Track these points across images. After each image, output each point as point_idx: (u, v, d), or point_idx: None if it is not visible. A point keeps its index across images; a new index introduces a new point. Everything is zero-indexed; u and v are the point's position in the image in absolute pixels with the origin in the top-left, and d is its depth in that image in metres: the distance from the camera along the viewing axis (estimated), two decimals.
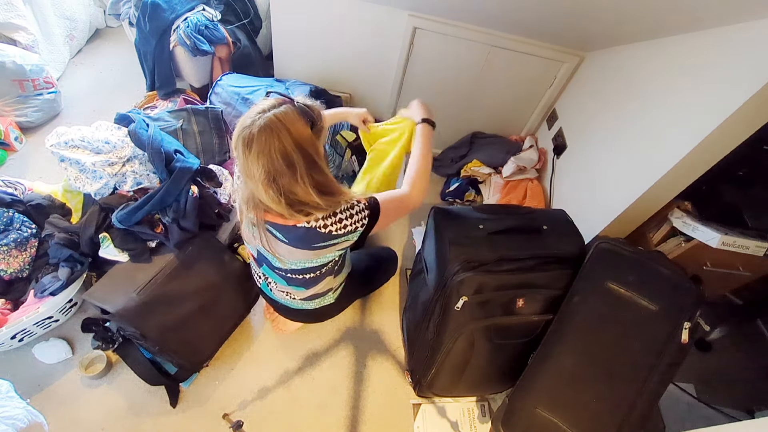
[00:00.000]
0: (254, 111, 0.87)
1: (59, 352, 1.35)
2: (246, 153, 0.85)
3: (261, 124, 0.84)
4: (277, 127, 0.84)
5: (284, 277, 1.13)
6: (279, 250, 1.01)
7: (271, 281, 1.21)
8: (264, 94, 1.74)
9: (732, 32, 1.05)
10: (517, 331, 1.25)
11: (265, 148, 0.84)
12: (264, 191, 0.87)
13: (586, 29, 1.47)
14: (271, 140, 0.83)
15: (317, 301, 1.24)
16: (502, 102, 1.98)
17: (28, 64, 1.81)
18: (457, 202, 2.05)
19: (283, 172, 0.86)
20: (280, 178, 0.86)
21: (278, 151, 0.84)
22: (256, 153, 0.84)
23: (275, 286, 1.21)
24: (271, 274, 1.17)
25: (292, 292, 1.20)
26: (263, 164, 0.84)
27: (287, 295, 1.22)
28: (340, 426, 1.37)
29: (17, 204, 1.40)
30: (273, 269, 1.13)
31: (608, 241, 1.16)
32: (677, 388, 1.44)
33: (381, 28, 1.74)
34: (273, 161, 0.84)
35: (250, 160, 0.85)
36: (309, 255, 1.01)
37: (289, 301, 1.25)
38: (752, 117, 1.00)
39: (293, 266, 1.07)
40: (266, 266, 1.16)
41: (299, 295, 1.21)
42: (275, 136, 0.83)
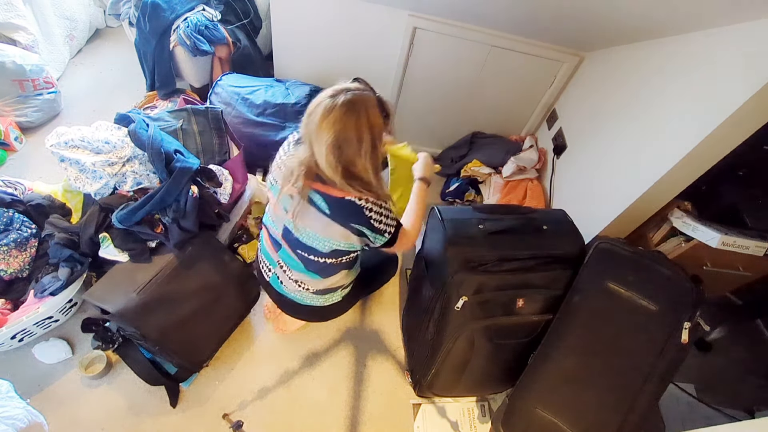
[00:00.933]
0: (338, 87, 0.95)
1: (59, 352, 1.35)
2: (323, 118, 0.92)
3: (345, 98, 0.92)
4: (358, 105, 0.93)
5: (304, 259, 1.13)
6: (314, 223, 1.04)
7: (286, 269, 1.20)
8: (264, 94, 1.77)
9: (732, 32, 1.05)
10: (517, 331, 1.25)
11: (342, 118, 0.92)
12: (326, 155, 0.93)
13: (586, 29, 1.47)
14: (350, 114, 0.92)
15: (327, 297, 1.24)
16: (502, 102, 1.98)
17: (28, 64, 1.80)
18: (457, 202, 2.05)
19: (351, 143, 0.94)
20: (346, 148, 0.94)
21: (353, 125, 0.93)
22: (332, 120, 0.91)
23: (289, 274, 1.20)
24: (289, 259, 1.16)
25: (306, 282, 1.19)
26: (336, 131, 0.92)
27: (299, 286, 1.20)
28: (340, 426, 1.37)
29: (17, 204, 1.40)
30: (295, 250, 1.13)
31: (608, 241, 1.16)
32: (677, 388, 1.44)
33: (381, 28, 1.74)
34: (346, 131, 0.92)
35: (324, 126, 0.92)
36: (340, 234, 1.03)
37: (298, 295, 1.23)
38: (752, 117, 1.00)
39: (319, 246, 1.08)
40: (286, 249, 1.15)
41: (312, 286, 1.20)
42: (354, 113, 0.92)
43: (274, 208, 1.12)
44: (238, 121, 1.74)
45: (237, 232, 1.70)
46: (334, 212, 1.01)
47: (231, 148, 1.66)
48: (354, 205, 1.00)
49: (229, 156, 1.63)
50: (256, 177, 1.80)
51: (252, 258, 1.67)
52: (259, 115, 1.75)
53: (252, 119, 1.74)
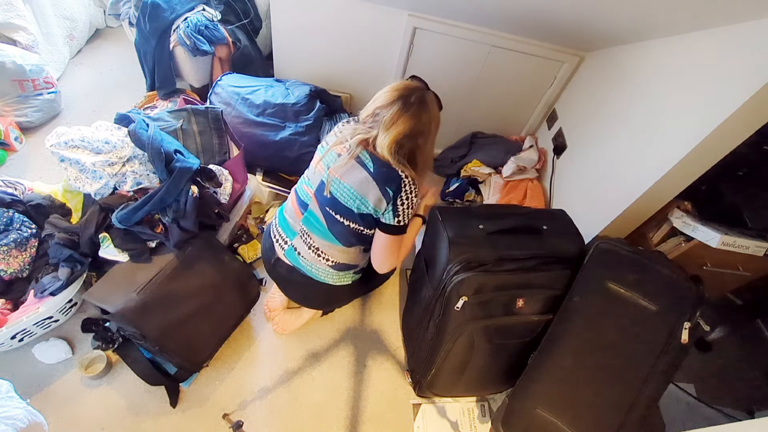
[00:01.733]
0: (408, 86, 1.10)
1: (59, 352, 1.35)
2: (399, 114, 1.05)
3: (419, 96, 1.08)
4: (429, 103, 1.11)
5: (330, 219, 1.14)
6: (354, 179, 1.10)
7: (307, 236, 1.20)
8: (264, 94, 1.77)
9: (732, 32, 1.05)
10: (517, 331, 1.25)
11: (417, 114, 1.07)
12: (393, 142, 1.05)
13: (586, 29, 1.47)
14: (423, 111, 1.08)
15: (341, 275, 1.25)
16: (502, 102, 1.98)
17: (28, 64, 1.80)
18: (457, 202, 2.05)
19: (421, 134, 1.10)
20: (415, 139, 1.09)
21: (426, 120, 1.10)
22: (409, 116, 1.06)
23: (310, 242, 1.20)
24: (315, 220, 1.18)
25: (326, 250, 1.19)
26: (411, 125, 1.06)
27: (318, 255, 1.20)
28: (340, 426, 1.37)
29: (17, 204, 1.40)
30: (323, 207, 1.15)
31: (608, 241, 1.16)
32: (677, 388, 1.44)
33: (381, 28, 1.74)
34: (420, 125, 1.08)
35: (403, 117, 1.05)
36: (374, 194, 1.08)
37: (316, 266, 1.22)
38: (752, 117, 1.00)
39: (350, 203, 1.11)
40: (314, 209, 1.17)
41: (332, 256, 1.20)
42: (427, 110, 1.09)
43: (315, 165, 1.18)
44: (238, 121, 1.74)
45: (237, 232, 1.70)
46: (377, 171, 1.08)
47: (231, 148, 1.66)
48: (395, 174, 1.08)
49: (229, 156, 1.63)
50: (256, 177, 1.80)
51: (252, 258, 1.67)
52: (259, 115, 1.75)
53: (252, 119, 1.74)
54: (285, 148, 1.71)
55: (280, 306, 1.55)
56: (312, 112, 1.76)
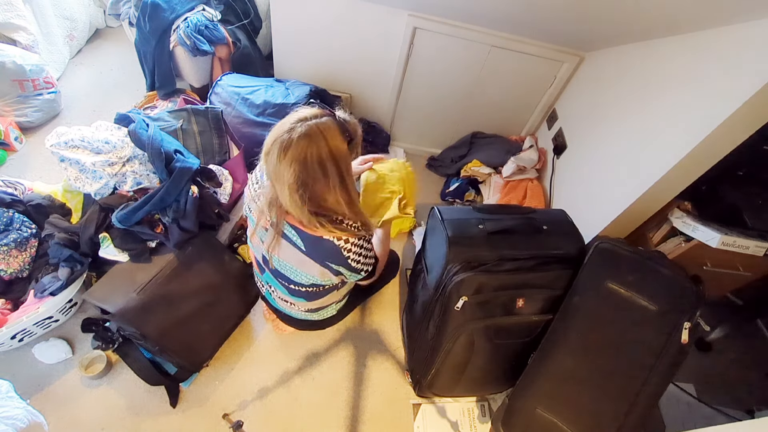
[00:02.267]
0: (295, 117, 0.88)
1: (59, 352, 1.35)
2: (281, 157, 0.86)
3: (301, 131, 0.85)
4: (316, 136, 0.86)
5: (287, 287, 1.13)
6: (290, 258, 1.01)
7: (273, 290, 1.21)
8: (264, 94, 1.77)
9: (732, 32, 1.05)
10: (517, 331, 1.25)
11: (301, 154, 0.85)
12: (289, 195, 0.88)
13: (586, 29, 1.47)
14: (309, 148, 0.85)
15: (321, 312, 1.25)
16: (502, 102, 1.98)
17: (28, 64, 1.80)
18: (457, 202, 2.05)
19: (317, 178, 0.88)
20: (312, 184, 0.88)
21: (315, 158, 0.86)
22: (290, 158, 0.85)
23: (278, 294, 1.21)
24: (274, 282, 1.17)
25: (295, 303, 1.20)
26: (295, 170, 0.86)
27: (290, 305, 1.22)
28: (340, 426, 1.37)
29: (17, 204, 1.40)
30: (277, 277, 1.13)
31: (608, 241, 1.16)
32: (677, 388, 1.44)
33: (381, 28, 1.74)
34: (307, 168, 0.86)
35: (283, 165, 0.86)
36: (317, 271, 1.00)
37: (291, 311, 1.25)
38: (752, 117, 1.00)
39: (297, 278, 1.07)
40: (269, 274, 1.15)
41: (302, 306, 1.21)
42: (314, 145, 0.85)
43: (251, 237, 1.10)
44: (238, 121, 1.74)
45: (237, 232, 1.70)
46: (309, 249, 0.97)
47: (231, 148, 1.66)
48: (331, 245, 0.95)
49: (229, 156, 1.63)
50: None
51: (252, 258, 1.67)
52: (259, 115, 1.75)
53: (252, 119, 1.74)
54: None
55: None
56: None
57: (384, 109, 2.08)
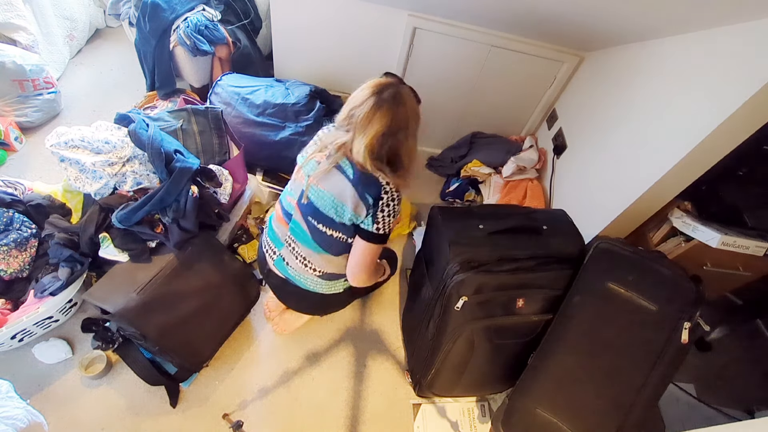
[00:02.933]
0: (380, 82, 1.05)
1: (59, 352, 1.35)
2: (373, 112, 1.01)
3: (392, 92, 1.03)
4: (404, 97, 1.05)
5: (313, 228, 1.13)
6: (334, 186, 1.08)
7: (293, 245, 1.19)
8: (264, 94, 1.77)
9: (732, 32, 1.05)
10: (517, 331, 1.25)
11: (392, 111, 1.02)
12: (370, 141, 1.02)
13: (586, 29, 1.47)
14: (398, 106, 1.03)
15: (331, 283, 1.24)
16: (502, 102, 1.98)
17: (28, 64, 1.80)
18: (457, 202, 2.05)
19: (401, 131, 1.05)
20: (395, 136, 1.04)
21: (403, 116, 1.04)
22: (383, 114, 1.01)
23: (297, 251, 1.19)
24: (299, 230, 1.16)
25: (313, 260, 1.18)
26: (387, 123, 1.02)
27: (306, 265, 1.19)
28: (340, 426, 1.37)
29: (17, 204, 1.40)
30: (306, 217, 1.14)
31: (608, 241, 1.16)
32: (677, 388, 1.44)
33: (381, 28, 1.74)
34: (397, 122, 1.03)
35: (376, 119, 1.01)
36: (354, 202, 1.06)
37: (304, 276, 1.22)
38: (752, 117, 1.00)
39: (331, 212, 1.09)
40: (298, 218, 1.16)
41: (319, 266, 1.19)
42: (402, 105, 1.04)
43: (296, 174, 1.18)
44: (238, 121, 1.74)
45: (237, 232, 1.70)
46: (356, 177, 1.06)
47: (231, 148, 1.66)
48: (376, 181, 1.06)
49: (229, 156, 1.63)
50: (256, 177, 1.80)
51: (252, 258, 1.67)
52: (259, 115, 1.75)
53: (252, 119, 1.74)
54: (285, 148, 1.71)
55: (280, 306, 1.55)
56: (312, 112, 1.76)
57: None
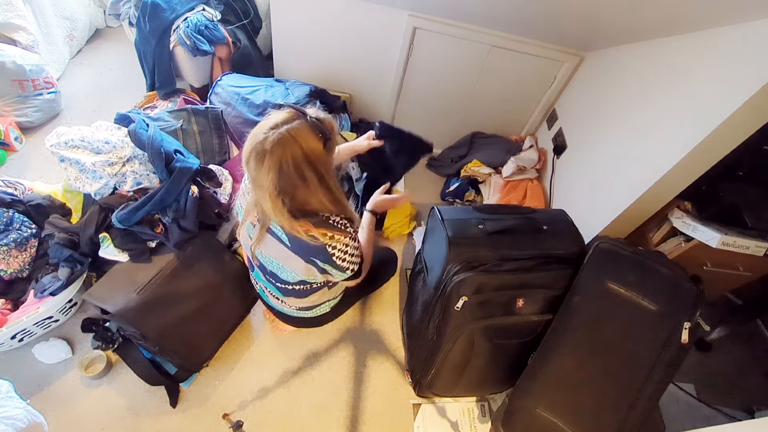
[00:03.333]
0: (266, 125, 0.88)
1: (59, 352, 1.35)
2: (258, 166, 0.86)
3: (274, 139, 0.84)
4: (289, 142, 0.85)
5: (274, 284, 1.13)
6: (276, 254, 1.01)
7: (264, 288, 1.22)
8: (264, 94, 1.77)
9: (732, 32, 1.05)
10: (517, 331, 1.25)
11: (276, 163, 0.85)
12: (271, 202, 0.89)
13: (586, 29, 1.47)
14: (284, 155, 0.85)
15: (314, 311, 1.25)
16: (502, 102, 1.98)
17: (28, 64, 1.80)
18: (457, 202, 2.05)
19: (296, 184, 0.89)
20: (293, 190, 0.90)
21: (291, 164, 0.86)
22: (267, 167, 0.85)
23: (269, 291, 1.22)
24: (264, 281, 1.18)
25: (286, 301, 1.21)
26: (272, 178, 0.86)
27: (281, 303, 1.23)
28: (340, 426, 1.37)
29: (17, 204, 1.40)
30: (264, 274, 1.13)
31: (608, 241, 1.16)
32: (677, 388, 1.44)
33: (381, 28, 1.74)
34: (284, 174, 0.87)
35: (261, 173, 0.87)
36: (303, 268, 1.00)
37: (284, 309, 1.26)
38: (752, 117, 1.00)
39: (284, 275, 1.07)
40: (257, 271, 1.16)
41: (294, 304, 1.21)
42: (287, 151, 0.85)
43: (239, 233, 1.10)
44: (238, 121, 1.74)
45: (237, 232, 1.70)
46: (294, 245, 0.98)
47: (231, 148, 1.66)
48: (317, 246, 0.96)
49: (229, 156, 1.63)
50: None
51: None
52: (259, 115, 1.75)
53: (252, 119, 1.74)
54: None
55: None
56: None
57: (384, 109, 2.08)
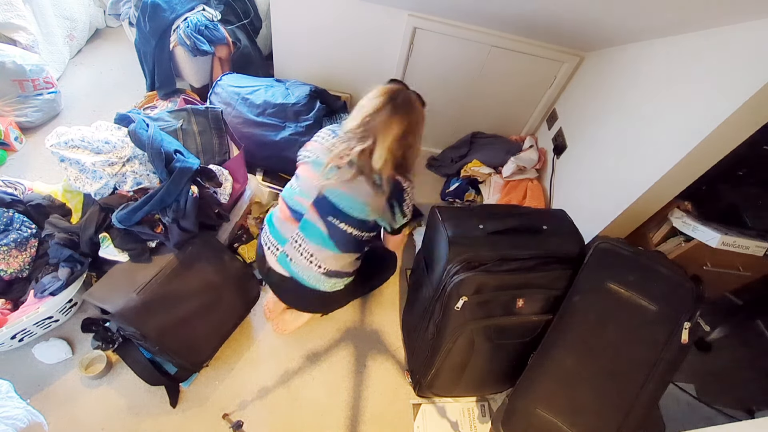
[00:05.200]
0: (390, 88, 1.14)
1: (59, 352, 1.35)
2: (390, 116, 1.10)
3: (405, 97, 1.14)
4: (414, 102, 1.16)
5: (331, 226, 1.16)
6: (364, 191, 1.14)
7: (301, 242, 1.20)
8: (264, 94, 1.77)
9: (732, 32, 1.05)
10: (517, 331, 1.25)
11: (407, 114, 1.13)
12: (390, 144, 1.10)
13: (586, 29, 1.47)
14: (411, 110, 1.14)
15: (332, 282, 1.25)
16: (502, 102, 1.98)
17: (28, 64, 1.80)
18: (457, 202, 2.05)
19: (414, 133, 1.16)
20: (410, 137, 1.14)
21: (415, 118, 1.15)
22: (399, 117, 1.11)
23: (303, 248, 1.20)
24: (312, 228, 1.18)
25: (320, 256, 1.20)
26: (404, 125, 1.11)
27: (311, 261, 1.20)
28: (340, 426, 1.37)
29: (17, 204, 1.40)
30: (325, 217, 1.16)
31: (608, 241, 1.16)
32: (677, 388, 1.44)
33: (381, 28, 1.74)
34: (411, 124, 1.13)
35: (395, 120, 1.10)
36: (380, 205, 1.15)
37: (307, 272, 1.22)
38: (752, 117, 1.00)
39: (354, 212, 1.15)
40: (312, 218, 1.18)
41: (324, 263, 1.20)
42: (414, 108, 1.16)
43: (311, 177, 1.18)
44: (238, 121, 1.74)
45: (237, 232, 1.70)
46: (381, 186, 1.13)
47: (231, 148, 1.66)
48: (399, 185, 1.15)
49: (229, 156, 1.63)
50: (256, 177, 1.80)
51: (252, 258, 1.67)
52: (259, 115, 1.75)
53: (252, 119, 1.74)
54: (285, 148, 1.71)
55: (280, 306, 1.55)
56: (312, 112, 1.76)
57: None
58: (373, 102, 1.12)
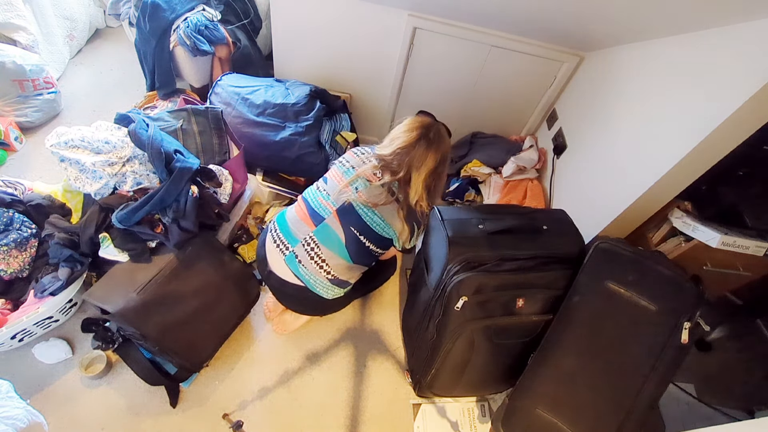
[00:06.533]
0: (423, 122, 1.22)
1: (59, 352, 1.35)
2: (426, 151, 1.18)
3: (436, 131, 1.21)
4: (444, 135, 1.25)
5: (352, 237, 1.19)
6: (387, 212, 1.19)
7: (314, 246, 1.21)
8: (264, 94, 1.77)
9: (732, 32, 1.05)
10: (517, 331, 1.25)
11: (439, 148, 1.20)
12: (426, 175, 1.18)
13: (586, 29, 1.47)
14: (445, 144, 1.23)
15: (336, 290, 1.26)
16: (502, 102, 1.98)
17: (28, 64, 1.80)
18: (457, 202, 2.05)
19: (444, 164, 1.23)
20: (441, 169, 1.22)
21: (447, 152, 1.24)
22: (433, 151, 1.18)
23: (315, 251, 1.21)
24: (331, 234, 1.20)
25: (331, 263, 1.21)
26: (437, 159, 1.19)
27: (320, 267, 1.21)
28: (340, 426, 1.37)
29: (17, 204, 1.40)
30: (348, 226, 1.19)
31: (608, 241, 1.16)
32: (677, 388, 1.44)
33: (381, 28, 1.74)
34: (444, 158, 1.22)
35: (430, 155, 1.18)
36: (400, 227, 1.21)
37: (314, 277, 1.22)
38: (752, 117, 1.00)
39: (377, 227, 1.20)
40: (334, 223, 1.20)
41: (334, 270, 1.21)
42: (444, 141, 1.23)
43: (340, 184, 1.22)
44: (238, 121, 1.74)
45: (237, 232, 1.70)
46: (408, 209, 1.20)
47: (231, 148, 1.66)
48: (420, 211, 1.22)
49: (229, 156, 1.63)
50: (256, 177, 1.80)
51: (252, 258, 1.67)
52: (259, 115, 1.75)
53: (252, 119, 1.74)
54: (285, 148, 1.71)
55: (280, 306, 1.55)
56: (312, 112, 1.76)
57: (384, 109, 2.08)
58: (408, 136, 1.18)
